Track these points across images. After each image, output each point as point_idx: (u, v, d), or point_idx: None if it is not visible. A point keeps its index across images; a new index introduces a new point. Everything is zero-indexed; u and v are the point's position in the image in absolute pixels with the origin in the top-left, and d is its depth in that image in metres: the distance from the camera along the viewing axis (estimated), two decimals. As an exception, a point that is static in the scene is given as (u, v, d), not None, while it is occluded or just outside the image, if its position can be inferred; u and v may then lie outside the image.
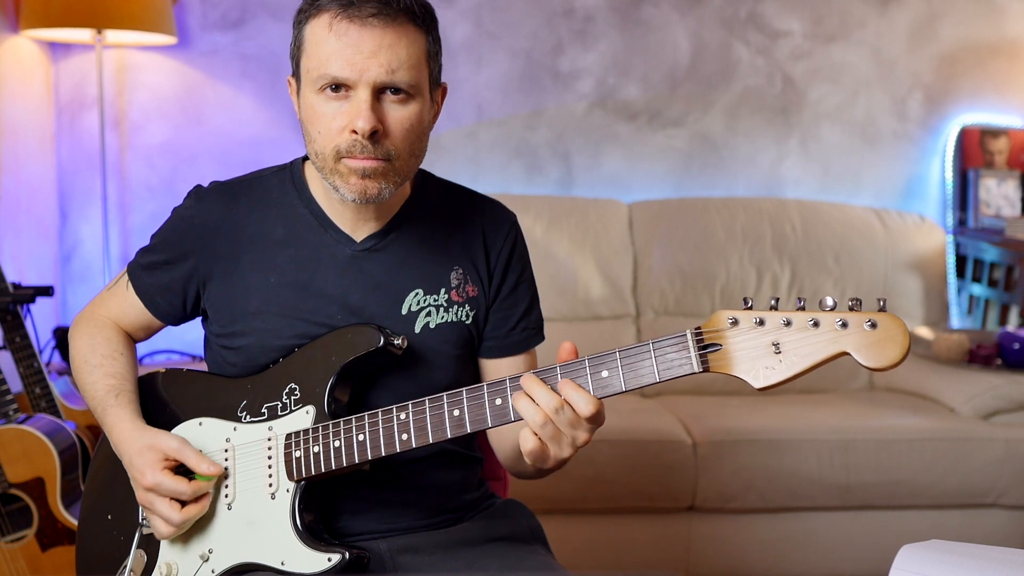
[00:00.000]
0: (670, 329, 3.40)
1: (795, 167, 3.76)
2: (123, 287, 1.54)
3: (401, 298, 1.44)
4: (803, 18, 3.69)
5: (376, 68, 1.28)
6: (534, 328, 1.55)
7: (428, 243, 1.47)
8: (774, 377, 1.13)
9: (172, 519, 1.34)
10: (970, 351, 3.16)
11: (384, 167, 1.32)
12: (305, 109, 1.35)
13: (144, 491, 1.36)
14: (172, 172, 3.46)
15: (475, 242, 1.50)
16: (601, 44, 3.61)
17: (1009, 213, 3.70)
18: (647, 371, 1.18)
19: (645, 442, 2.73)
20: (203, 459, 1.36)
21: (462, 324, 1.47)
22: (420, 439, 1.28)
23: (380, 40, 1.27)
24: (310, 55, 1.31)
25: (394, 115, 1.31)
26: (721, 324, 1.16)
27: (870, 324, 1.11)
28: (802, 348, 1.12)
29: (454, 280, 1.47)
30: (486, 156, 3.61)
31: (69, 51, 3.37)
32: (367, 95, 1.28)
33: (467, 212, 1.52)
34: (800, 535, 2.83)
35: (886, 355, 1.10)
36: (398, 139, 1.32)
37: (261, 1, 3.43)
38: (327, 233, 1.45)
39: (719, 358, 1.16)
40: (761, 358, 1.14)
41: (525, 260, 1.55)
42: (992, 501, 2.86)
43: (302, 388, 1.38)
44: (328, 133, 1.31)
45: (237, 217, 1.46)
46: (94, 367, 1.50)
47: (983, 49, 3.78)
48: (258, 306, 1.44)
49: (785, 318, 1.13)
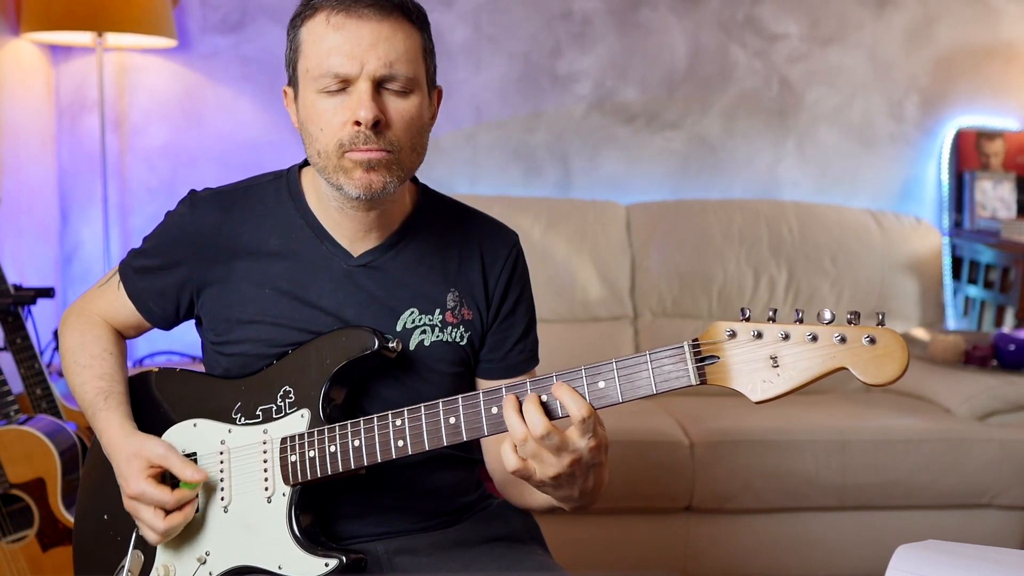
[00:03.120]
0: (668, 331, 3.40)
1: (792, 169, 3.77)
2: (114, 287, 1.53)
3: (396, 315, 1.44)
4: (800, 21, 3.71)
5: (375, 60, 1.28)
6: (530, 352, 1.55)
7: (426, 263, 1.46)
8: (772, 391, 1.13)
9: (156, 527, 1.34)
10: (966, 352, 3.16)
11: (388, 158, 1.32)
12: (304, 110, 1.35)
13: (129, 500, 1.37)
14: (172, 174, 3.46)
15: (473, 266, 1.49)
16: (599, 47, 3.62)
17: (1005, 215, 3.71)
18: (644, 383, 1.18)
19: (642, 443, 2.74)
20: (187, 465, 1.35)
21: (457, 345, 1.46)
22: (416, 446, 1.28)
23: (378, 32, 1.28)
24: (308, 55, 1.31)
25: (395, 107, 1.31)
26: (719, 336, 1.15)
27: (869, 339, 1.09)
28: (800, 362, 1.11)
29: (450, 302, 1.46)
30: (485, 158, 3.62)
31: (70, 54, 3.38)
32: (368, 87, 1.29)
33: (467, 234, 1.50)
34: (797, 535, 2.84)
35: (884, 371, 1.09)
36: (400, 131, 1.32)
37: (261, 4, 3.44)
38: (323, 245, 1.44)
39: (716, 371, 1.15)
40: (759, 371, 1.13)
41: (524, 283, 1.54)
42: (988, 501, 2.87)
43: (296, 391, 1.38)
44: (330, 129, 1.31)
45: (231, 226, 1.45)
46: (83, 367, 1.49)
47: (979, 52, 3.80)
48: (252, 316, 1.43)
49: (783, 331, 1.12)
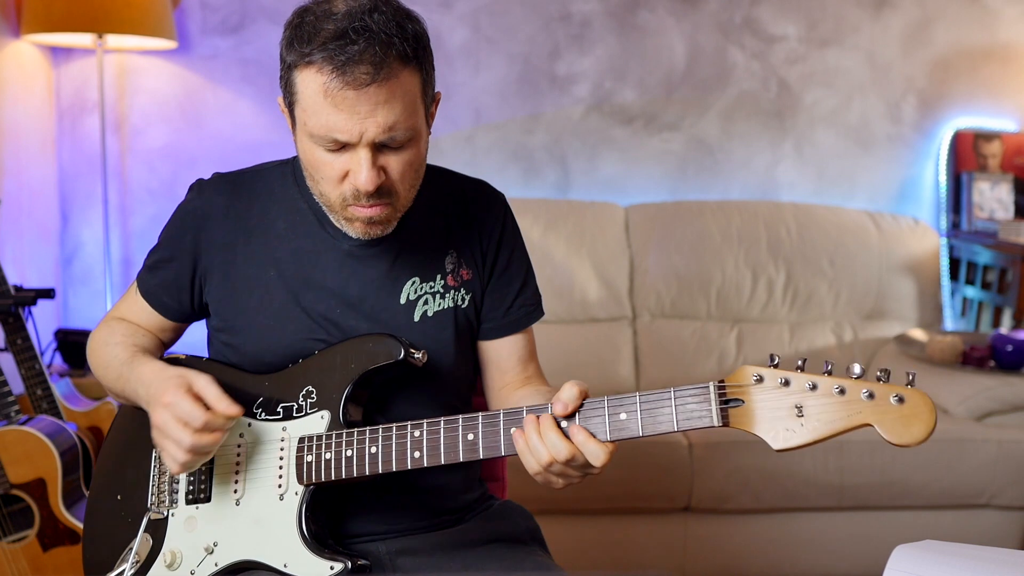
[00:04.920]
0: (666, 331, 3.41)
1: (790, 171, 3.78)
2: (133, 292, 1.55)
3: (399, 288, 1.45)
4: (798, 23, 3.72)
5: (374, 128, 1.26)
6: (532, 304, 1.56)
7: (423, 231, 1.48)
8: (794, 440, 1.12)
9: (183, 440, 1.29)
10: (963, 353, 3.16)
11: (389, 211, 1.34)
12: (303, 152, 1.34)
13: (161, 408, 1.31)
14: (172, 175, 3.47)
15: (467, 225, 1.51)
16: (598, 49, 3.63)
17: (1002, 216, 3.72)
18: (666, 419, 1.18)
19: (641, 443, 2.72)
20: (223, 398, 1.31)
21: (460, 309, 1.48)
22: (432, 459, 1.29)
23: (375, 99, 1.24)
24: (306, 109, 1.28)
25: (395, 161, 1.31)
26: (746, 380, 1.14)
27: (897, 399, 1.08)
28: (825, 414, 1.10)
29: (449, 265, 1.48)
30: (483, 160, 3.62)
31: (70, 55, 3.38)
32: (367, 154, 1.28)
33: (457, 196, 1.53)
34: (795, 535, 2.85)
35: (910, 432, 1.07)
36: (398, 182, 1.33)
37: (261, 6, 3.44)
38: (325, 229, 1.45)
39: (740, 414, 1.14)
40: (783, 419, 1.12)
41: (516, 237, 1.56)
42: (985, 502, 2.87)
43: (319, 392, 1.39)
44: (330, 180, 1.31)
45: (239, 208, 1.47)
46: (115, 344, 1.49)
47: (976, 53, 3.81)
48: (258, 300, 1.45)
49: (811, 382, 1.11)
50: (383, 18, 1.25)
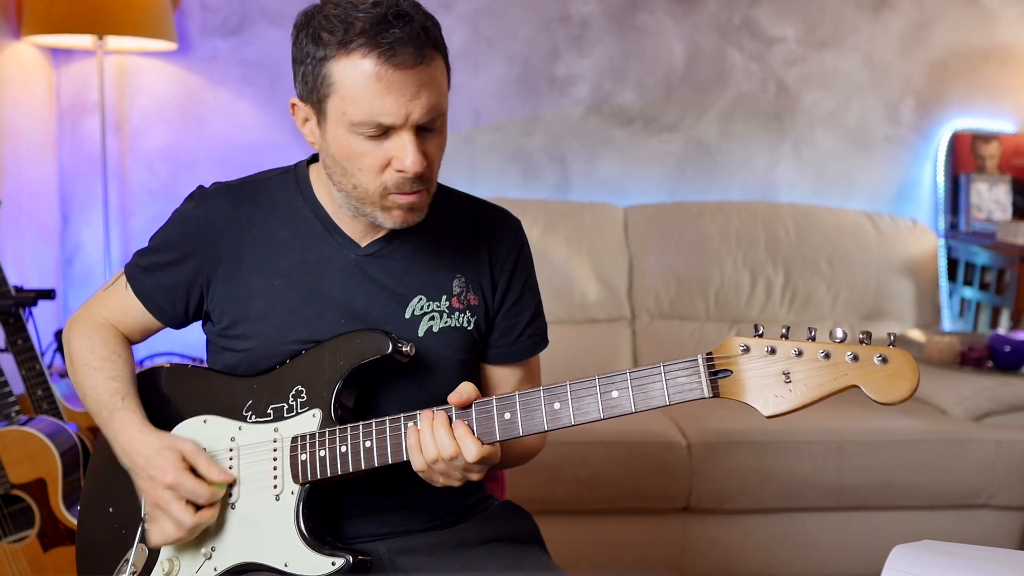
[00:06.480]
0: (665, 332, 3.42)
1: (789, 171, 3.78)
2: (121, 288, 1.53)
3: (405, 303, 1.45)
4: (796, 24, 3.72)
5: (419, 110, 1.28)
6: (539, 335, 1.57)
7: (432, 250, 1.47)
8: (783, 406, 1.14)
9: (185, 522, 1.33)
10: (962, 353, 3.17)
11: (425, 196, 1.36)
12: (338, 146, 1.32)
13: (163, 489, 1.34)
14: (172, 176, 3.47)
15: (478, 252, 1.50)
16: (597, 50, 3.63)
17: (1000, 217, 3.73)
18: (657, 393, 1.19)
19: (640, 443, 2.75)
20: (214, 466, 1.36)
21: (464, 330, 1.48)
22: None
23: (419, 80, 1.27)
24: (346, 98, 1.27)
25: (431, 144, 1.33)
26: (733, 350, 1.17)
27: (880, 359, 1.11)
28: (812, 379, 1.14)
29: (456, 288, 1.47)
30: (483, 161, 3.63)
31: (70, 57, 3.39)
32: (411, 136, 1.29)
33: (472, 221, 1.52)
34: (794, 536, 2.85)
35: (895, 390, 1.11)
36: (435, 164, 1.35)
37: (261, 8, 3.45)
38: (332, 237, 1.45)
39: (729, 384, 1.17)
40: (771, 386, 1.15)
41: (529, 268, 1.56)
42: (984, 502, 2.88)
43: (308, 391, 1.39)
44: (371, 170, 1.31)
45: (241, 218, 1.46)
46: (94, 370, 1.49)
47: (975, 55, 3.82)
48: (262, 309, 1.44)
49: (796, 348, 1.14)
50: (410, 6, 1.29)
